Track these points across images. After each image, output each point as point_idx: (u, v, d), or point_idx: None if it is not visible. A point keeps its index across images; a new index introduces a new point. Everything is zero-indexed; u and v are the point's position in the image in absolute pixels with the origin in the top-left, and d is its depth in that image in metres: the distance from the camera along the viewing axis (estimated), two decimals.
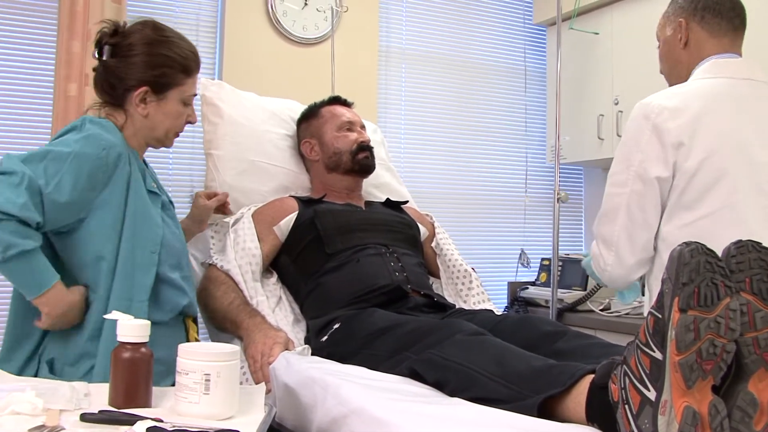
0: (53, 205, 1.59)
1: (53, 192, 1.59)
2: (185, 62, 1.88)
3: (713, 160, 1.91)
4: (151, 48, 1.83)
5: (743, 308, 1.16)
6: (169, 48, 1.85)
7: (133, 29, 1.86)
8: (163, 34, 1.87)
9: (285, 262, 2.30)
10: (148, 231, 1.77)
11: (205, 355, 1.30)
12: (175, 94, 1.88)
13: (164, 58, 1.84)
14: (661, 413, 1.13)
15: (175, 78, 1.87)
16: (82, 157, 1.64)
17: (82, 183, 1.64)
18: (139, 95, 1.82)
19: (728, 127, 1.95)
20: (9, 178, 1.54)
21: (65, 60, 2.75)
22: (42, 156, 1.61)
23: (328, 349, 1.94)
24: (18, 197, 1.52)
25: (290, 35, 3.36)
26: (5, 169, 1.55)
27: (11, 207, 1.52)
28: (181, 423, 1.22)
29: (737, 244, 1.22)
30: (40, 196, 1.57)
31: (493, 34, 4.03)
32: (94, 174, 1.67)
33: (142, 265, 1.75)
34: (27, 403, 1.21)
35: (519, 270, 3.84)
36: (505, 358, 1.50)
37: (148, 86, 1.83)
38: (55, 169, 1.60)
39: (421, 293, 2.19)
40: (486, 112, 3.98)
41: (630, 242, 2.00)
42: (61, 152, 1.63)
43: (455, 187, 3.86)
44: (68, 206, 1.63)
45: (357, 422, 1.38)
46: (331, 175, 2.48)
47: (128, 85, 1.82)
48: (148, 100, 1.84)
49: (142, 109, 1.84)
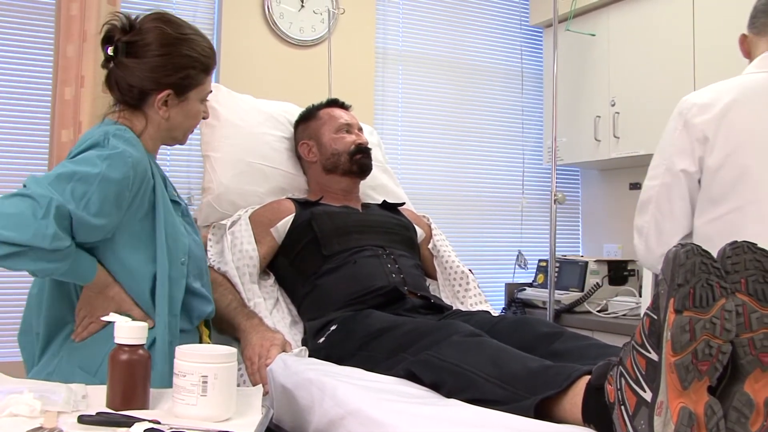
0: (82, 226, 1.54)
1: (83, 214, 1.53)
2: (207, 61, 1.81)
3: (737, 155, 1.96)
4: (171, 48, 1.74)
5: (739, 309, 1.17)
6: (191, 47, 1.77)
7: (148, 26, 1.75)
8: (181, 31, 1.78)
9: (282, 264, 2.30)
10: (177, 242, 1.73)
11: (202, 356, 1.30)
12: (196, 94, 1.82)
13: (187, 59, 1.76)
14: (657, 414, 1.14)
15: (198, 78, 1.80)
16: (109, 179, 1.57)
17: (110, 204, 1.57)
18: (161, 99, 1.76)
19: (755, 122, 1.98)
20: (35, 205, 1.47)
21: (62, 65, 2.74)
22: (69, 177, 1.53)
23: (325, 351, 1.94)
24: (47, 228, 1.46)
25: (287, 37, 3.36)
26: (32, 193, 1.49)
27: (42, 240, 1.46)
28: (178, 425, 1.22)
29: (732, 245, 1.22)
30: (70, 220, 1.52)
31: (489, 36, 4.03)
32: (121, 194, 1.60)
33: (176, 278, 1.71)
34: (25, 405, 1.21)
35: (516, 271, 3.85)
36: (502, 360, 1.50)
37: (171, 89, 1.76)
38: (83, 191, 1.53)
39: (418, 295, 2.19)
40: (483, 113, 3.98)
41: (657, 233, 2.07)
42: (88, 174, 1.55)
43: (452, 189, 3.87)
44: (97, 227, 1.57)
45: (354, 423, 1.38)
46: (329, 177, 2.48)
47: (148, 87, 1.75)
48: (170, 102, 1.77)
49: (164, 112, 1.77)
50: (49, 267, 1.53)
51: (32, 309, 1.76)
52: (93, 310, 1.67)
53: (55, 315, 1.72)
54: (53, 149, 2.73)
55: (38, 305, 1.74)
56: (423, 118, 3.81)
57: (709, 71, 3.10)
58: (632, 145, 3.46)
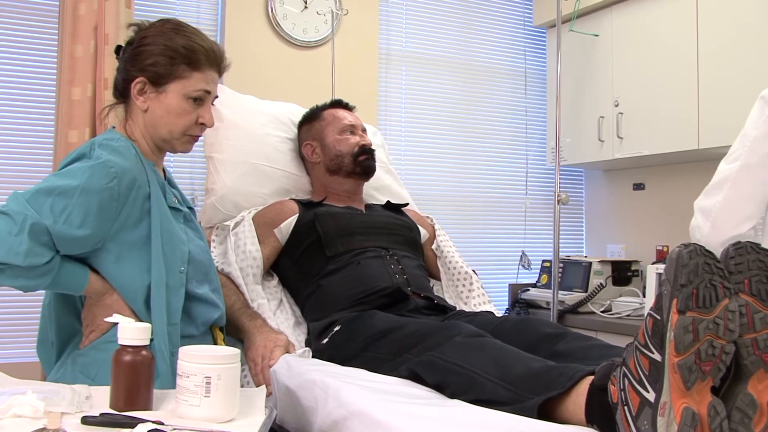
0: (64, 239, 1.53)
1: (63, 228, 1.52)
2: (190, 54, 1.73)
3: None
4: (152, 39, 1.74)
5: (742, 309, 1.17)
6: (170, 38, 1.73)
7: (150, 24, 1.77)
8: (177, 27, 1.76)
9: (285, 265, 2.30)
10: (174, 250, 1.71)
11: (205, 357, 1.31)
12: (176, 87, 1.74)
13: (162, 48, 1.72)
14: (660, 414, 1.14)
15: (175, 69, 1.73)
16: (89, 191, 1.55)
17: (93, 217, 1.56)
18: (136, 86, 1.73)
19: None
20: (9, 223, 1.47)
21: (68, 65, 2.75)
22: (48, 192, 1.53)
23: (328, 352, 1.94)
24: (20, 245, 1.46)
25: (290, 38, 3.36)
26: (8, 210, 1.49)
27: (15, 257, 1.46)
28: (181, 426, 1.22)
29: (736, 245, 1.22)
30: (48, 235, 1.51)
31: (493, 37, 4.03)
32: (105, 206, 1.57)
33: (174, 287, 1.70)
34: (28, 406, 1.22)
35: (520, 272, 3.84)
36: (505, 360, 1.50)
37: (143, 76, 1.73)
38: (63, 205, 1.52)
39: (422, 295, 2.19)
40: (486, 114, 3.98)
41: (730, 214, 1.97)
42: (68, 186, 1.54)
43: (456, 190, 3.87)
44: (81, 240, 1.56)
45: (357, 424, 1.38)
46: (333, 178, 2.48)
47: (124, 77, 1.75)
48: (147, 91, 1.74)
49: (141, 102, 1.74)
50: (29, 283, 1.53)
51: (46, 319, 1.77)
52: (93, 318, 1.67)
53: (64, 324, 1.74)
54: (58, 149, 2.74)
55: (50, 315, 1.75)
56: (426, 118, 3.81)
57: (712, 71, 3.10)
58: (636, 146, 3.46)
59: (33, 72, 2.94)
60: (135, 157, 1.69)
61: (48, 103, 2.89)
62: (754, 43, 2.97)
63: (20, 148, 2.91)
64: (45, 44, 2.94)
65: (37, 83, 2.94)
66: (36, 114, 2.93)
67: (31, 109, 2.93)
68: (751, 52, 2.97)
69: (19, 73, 2.93)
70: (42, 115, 2.91)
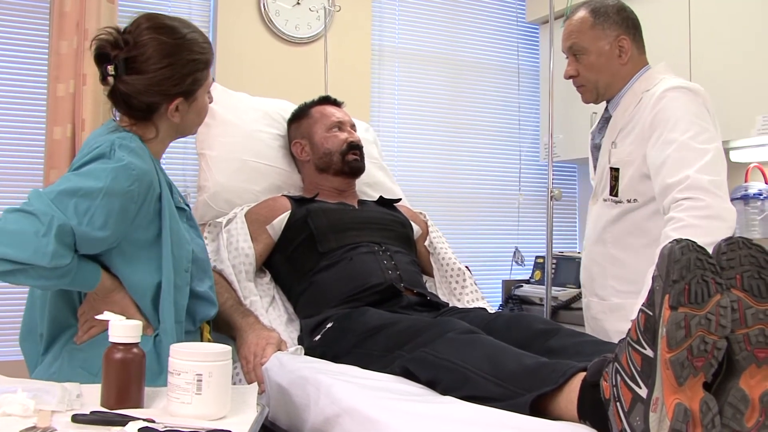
0: (86, 241, 1.54)
1: (86, 229, 1.52)
2: (207, 57, 1.79)
3: None
4: (174, 58, 1.71)
5: (734, 305, 1.17)
6: (191, 50, 1.74)
7: (143, 39, 1.70)
8: (176, 35, 1.73)
9: (278, 262, 2.30)
10: (182, 250, 1.73)
11: (196, 355, 1.30)
12: (203, 91, 1.81)
13: (192, 65, 1.74)
14: (652, 410, 1.13)
15: (203, 77, 1.79)
16: (113, 194, 1.56)
17: (114, 219, 1.57)
18: (173, 108, 1.74)
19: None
20: (36, 223, 1.47)
21: (54, 62, 2.74)
22: (72, 192, 1.53)
23: (321, 349, 1.94)
24: (47, 246, 1.46)
25: (283, 35, 3.35)
26: (34, 209, 1.48)
27: (41, 258, 1.46)
28: (173, 423, 1.22)
29: (728, 240, 1.22)
30: (73, 236, 1.51)
31: (486, 33, 4.03)
32: (125, 207, 1.59)
33: (180, 287, 1.71)
34: (18, 405, 1.21)
35: (513, 268, 3.84)
36: (497, 357, 1.50)
37: (181, 97, 1.74)
38: (86, 206, 1.53)
39: (414, 292, 2.19)
40: (479, 110, 3.98)
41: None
42: (92, 188, 1.54)
43: (449, 186, 3.86)
44: (101, 240, 1.57)
45: (349, 421, 1.38)
46: (322, 176, 2.48)
47: (158, 101, 1.72)
48: (181, 108, 1.76)
49: (177, 118, 1.76)
50: (49, 283, 1.54)
51: (36, 309, 1.76)
52: (96, 314, 1.66)
53: (57, 317, 1.73)
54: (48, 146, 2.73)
55: (42, 306, 1.74)
56: (419, 115, 3.80)
57: (704, 67, 3.10)
58: None
59: (25, 69, 2.93)
60: (149, 158, 1.70)
61: (40, 100, 2.88)
62: (747, 40, 2.97)
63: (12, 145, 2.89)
64: (37, 41, 2.93)
65: (29, 80, 2.92)
66: (28, 111, 2.91)
67: (23, 106, 2.92)
68: (743, 48, 2.98)
69: (12, 70, 2.91)
70: (34, 112, 2.90)
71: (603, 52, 2.29)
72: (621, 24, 2.29)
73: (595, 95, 2.36)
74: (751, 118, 2.91)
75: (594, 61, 2.30)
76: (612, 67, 2.29)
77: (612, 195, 2.26)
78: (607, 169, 2.28)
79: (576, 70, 2.35)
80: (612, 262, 2.28)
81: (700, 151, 2.01)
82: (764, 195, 2.96)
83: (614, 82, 2.31)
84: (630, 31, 2.29)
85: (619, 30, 2.28)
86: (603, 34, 2.28)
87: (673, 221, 1.96)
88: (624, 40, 2.28)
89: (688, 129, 2.05)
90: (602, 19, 2.29)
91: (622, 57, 2.28)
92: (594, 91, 2.35)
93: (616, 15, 2.29)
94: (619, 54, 2.28)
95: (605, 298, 2.31)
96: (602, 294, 2.32)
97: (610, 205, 2.27)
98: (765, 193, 2.96)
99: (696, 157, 2.00)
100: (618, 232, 2.25)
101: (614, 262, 2.27)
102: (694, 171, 1.98)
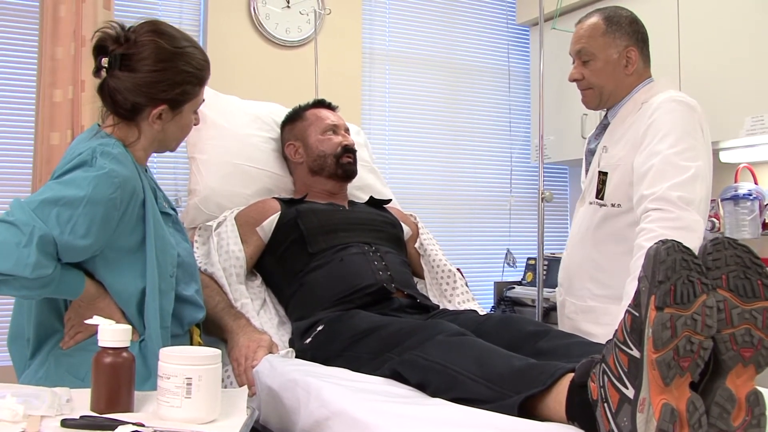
0: (68, 249, 1.54)
1: (68, 238, 1.52)
2: (201, 74, 1.78)
3: None
4: (167, 64, 1.71)
5: (720, 305, 1.17)
6: (187, 62, 1.74)
7: (143, 39, 1.71)
8: (176, 44, 1.74)
9: (269, 264, 2.30)
10: (166, 255, 1.72)
11: (186, 358, 1.30)
12: (190, 107, 1.80)
13: (183, 75, 1.73)
14: (639, 411, 1.14)
15: (193, 92, 1.78)
16: (95, 202, 1.55)
17: (97, 226, 1.56)
18: (156, 114, 1.73)
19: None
20: (17, 234, 1.46)
21: (49, 67, 2.73)
22: (54, 202, 1.52)
23: (311, 352, 1.94)
24: (28, 257, 1.46)
25: (273, 38, 3.36)
26: (15, 220, 1.48)
27: (23, 269, 1.46)
28: (162, 427, 1.22)
29: (714, 241, 1.23)
30: (55, 246, 1.51)
31: (476, 35, 4.04)
32: (108, 215, 1.58)
33: (165, 291, 1.71)
34: (7, 410, 1.21)
35: (505, 270, 3.85)
36: (486, 359, 1.50)
37: (166, 104, 1.73)
38: (68, 215, 1.52)
39: (405, 293, 2.19)
40: (470, 112, 3.99)
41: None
42: (74, 197, 1.53)
43: (440, 188, 3.87)
44: (84, 249, 1.57)
45: (339, 424, 1.38)
46: (315, 178, 2.48)
47: (142, 102, 1.71)
48: (164, 117, 1.75)
49: (158, 126, 1.75)
50: (33, 293, 1.54)
51: (23, 315, 1.76)
52: (82, 320, 1.66)
53: (43, 322, 1.72)
54: (39, 152, 2.73)
55: (29, 311, 1.73)
56: (410, 117, 3.81)
57: (693, 68, 3.12)
58: None
59: (11, 74, 2.92)
60: (132, 164, 1.69)
61: (27, 105, 2.87)
62: (736, 42, 2.99)
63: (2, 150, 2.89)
64: (24, 46, 2.92)
65: (15, 85, 2.92)
66: (15, 116, 2.91)
67: (9, 111, 2.91)
68: (732, 50, 2.99)
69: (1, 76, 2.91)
70: (21, 116, 2.90)
71: (610, 60, 2.30)
72: (632, 35, 2.30)
73: (598, 101, 2.37)
74: (740, 119, 2.93)
75: (600, 68, 2.31)
76: (617, 76, 2.31)
77: (598, 198, 2.27)
78: (596, 172, 2.30)
79: (581, 74, 2.35)
80: (591, 264, 2.30)
81: (680, 168, 2.04)
82: (754, 195, 2.97)
83: (617, 91, 2.33)
84: (639, 44, 2.31)
85: (629, 41, 2.29)
86: (613, 43, 2.29)
87: (644, 232, 2.00)
88: (632, 51, 2.29)
89: (676, 144, 2.07)
90: (614, 28, 2.30)
91: (628, 68, 2.29)
92: (598, 96, 2.36)
93: (629, 26, 2.30)
94: (626, 64, 2.29)
95: (580, 299, 2.33)
96: (578, 295, 2.35)
97: (595, 208, 2.29)
98: (755, 194, 2.98)
99: (675, 174, 2.03)
100: (600, 236, 2.27)
101: (593, 265, 2.29)
102: (667, 186, 2.01)
